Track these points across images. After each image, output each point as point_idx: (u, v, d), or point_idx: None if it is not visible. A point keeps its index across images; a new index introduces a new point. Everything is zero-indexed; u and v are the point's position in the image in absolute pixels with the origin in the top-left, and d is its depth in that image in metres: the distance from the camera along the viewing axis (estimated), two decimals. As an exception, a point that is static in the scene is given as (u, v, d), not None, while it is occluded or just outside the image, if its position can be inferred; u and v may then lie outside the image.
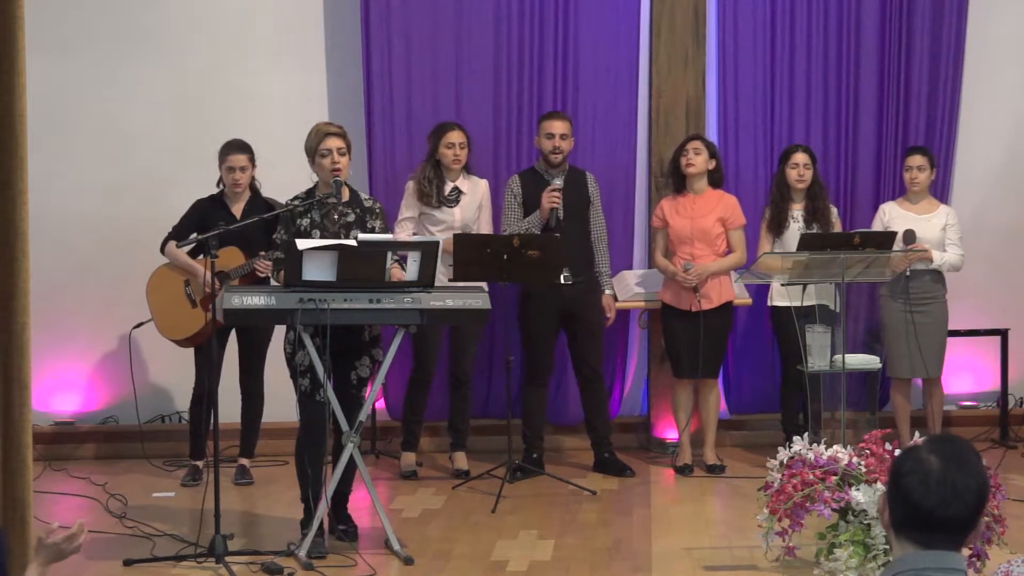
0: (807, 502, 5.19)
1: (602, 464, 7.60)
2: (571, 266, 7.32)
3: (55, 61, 7.98)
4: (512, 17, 8.10)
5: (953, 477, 2.58)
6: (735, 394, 8.30)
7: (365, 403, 6.02)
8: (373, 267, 5.77)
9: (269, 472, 7.65)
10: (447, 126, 7.49)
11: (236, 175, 7.23)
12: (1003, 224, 8.37)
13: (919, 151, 7.65)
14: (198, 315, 7.20)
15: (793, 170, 7.50)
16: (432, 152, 7.47)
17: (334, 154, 5.97)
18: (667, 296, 7.53)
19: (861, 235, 6.83)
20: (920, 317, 7.47)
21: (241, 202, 7.30)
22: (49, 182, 7.76)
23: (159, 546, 6.06)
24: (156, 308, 7.32)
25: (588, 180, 7.59)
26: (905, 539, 2.63)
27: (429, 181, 7.41)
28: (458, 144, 7.41)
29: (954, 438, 2.70)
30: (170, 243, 7.27)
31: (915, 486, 2.59)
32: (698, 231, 7.45)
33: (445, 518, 6.64)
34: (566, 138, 7.44)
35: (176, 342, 7.32)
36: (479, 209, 7.53)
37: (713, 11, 8.21)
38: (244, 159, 7.25)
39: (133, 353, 7.82)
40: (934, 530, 2.60)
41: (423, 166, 7.49)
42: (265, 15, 8.24)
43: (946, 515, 2.58)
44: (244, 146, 7.28)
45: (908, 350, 7.48)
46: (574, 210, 7.48)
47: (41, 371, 7.79)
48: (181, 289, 7.28)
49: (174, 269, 7.31)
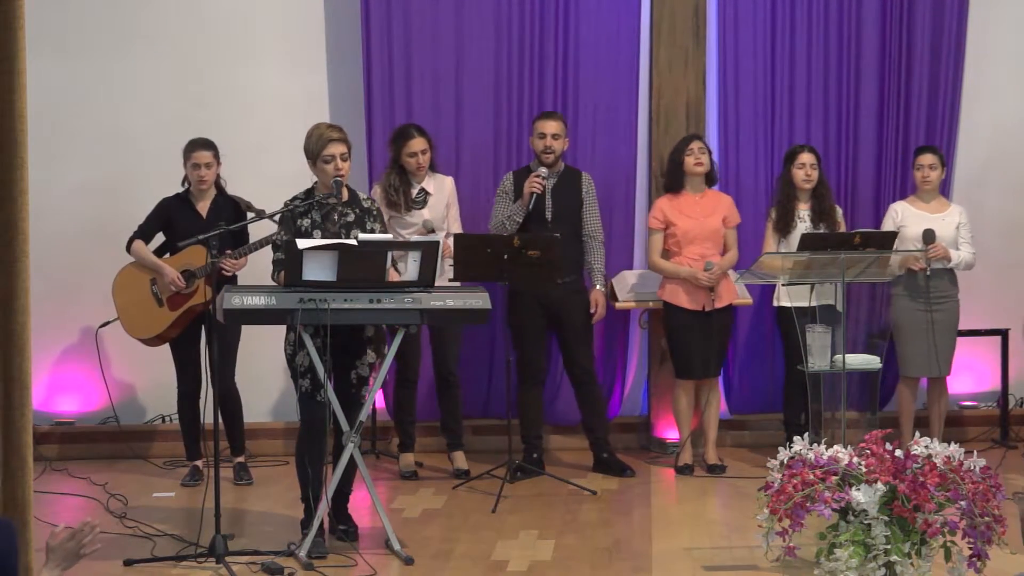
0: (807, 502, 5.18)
1: (602, 464, 7.60)
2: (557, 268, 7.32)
3: (55, 61, 7.98)
4: (512, 17, 8.10)
5: None
6: (735, 394, 8.30)
7: (365, 403, 6.03)
8: (373, 267, 5.77)
9: (269, 472, 7.66)
10: (407, 134, 7.42)
11: (201, 171, 7.23)
12: (1003, 224, 8.37)
13: (930, 150, 7.65)
14: (164, 314, 7.23)
15: (800, 170, 7.49)
16: (395, 159, 7.45)
17: (337, 160, 5.96)
18: (679, 297, 7.47)
19: (862, 235, 6.83)
20: (934, 316, 7.48)
21: (207, 200, 7.30)
22: (49, 182, 7.76)
23: (159, 546, 6.06)
24: (122, 307, 7.34)
25: (583, 180, 7.57)
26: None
27: (396, 189, 7.39)
28: (419, 152, 7.38)
29: None
30: (136, 242, 7.29)
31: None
32: (708, 231, 7.45)
33: (445, 518, 6.64)
34: (558, 138, 7.43)
35: (143, 341, 7.32)
36: (447, 207, 7.52)
37: (713, 11, 8.21)
38: (209, 156, 7.25)
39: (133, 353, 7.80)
40: None
41: (387, 173, 7.47)
42: (265, 15, 8.24)
43: None
44: (208, 143, 7.28)
45: (924, 349, 7.48)
46: (565, 211, 7.47)
47: (41, 371, 7.79)
48: (147, 288, 7.29)
49: (140, 268, 7.31)
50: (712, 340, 7.42)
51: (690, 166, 7.49)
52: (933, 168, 7.57)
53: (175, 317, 7.23)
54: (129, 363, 8.04)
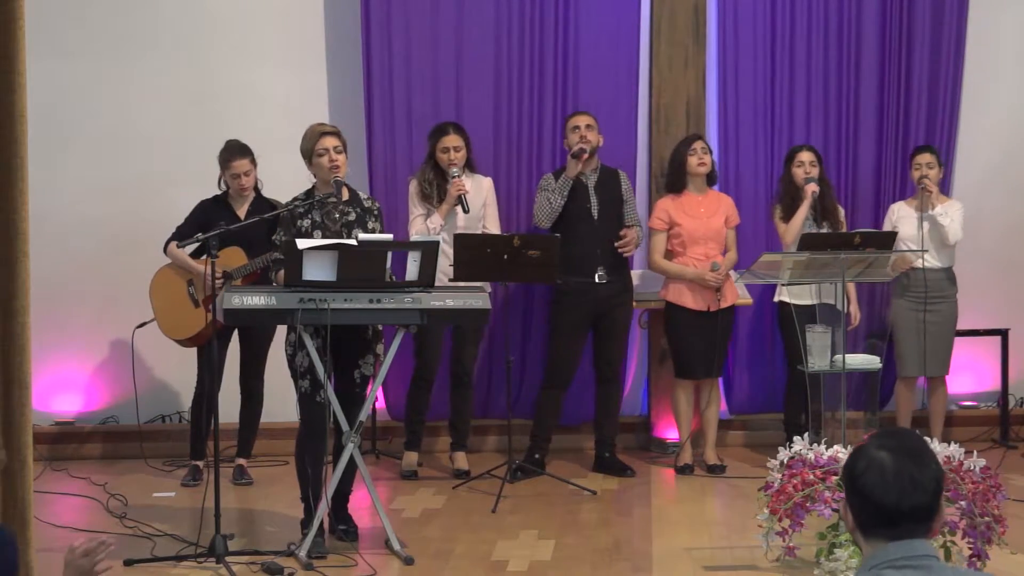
0: (807, 502, 5.19)
1: (602, 464, 7.60)
2: (605, 265, 7.33)
3: (55, 61, 7.98)
4: (512, 17, 8.10)
5: (908, 468, 2.63)
6: (735, 394, 8.30)
7: (365, 403, 6.03)
8: (373, 267, 5.77)
9: (269, 472, 7.65)
10: (443, 129, 7.48)
11: (242, 180, 7.21)
12: (1003, 223, 8.37)
13: (927, 149, 7.66)
14: (200, 315, 7.20)
15: (799, 168, 7.49)
16: (431, 154, 7.48)
17: (331, 152, 5.97)
18: (684, 298, 7.47)
19: (862, 235, 6.83)
20: (933, 316, 7.49)
21: (246, 203, 7.29)
22: (49, 182, 7.76)
23: (159, 546, 6.06)
24: (159, 308, 7.33)
25: (621, 178, 7.61)
26: (873, 537, 2.68)
27: (429, 183, 7.42)
28: (453, 148, 7.39)
29: (899, 430, 2.77)
30: (172, 243, 7.28)
31: (874, 484, 2.64)
32: (712, 231, 7.46)
33: (445, 518, 6.64)
34: (592, 129, 7.45)
35: (179, 342, 7.33)
36: (484, 207, 7.53)
37: (713, 11, 8.21)
38: (247, 163, 7.23)
39: (134, 353, 7.81)
40: (900, 522, 2.64)
41: (423, 167, 7.50)
42: (266, 15, 8.24)
43: (910, 506, 2.62)
44: (245, 149, 7.25)
45: (922, 348, 7.48)
46: (607, 209, 7.49)
47: (41, 371, 7.78)
48: (184, 289, 7.29)
49: (177, 270, 7.31)
50: (714, 341, 7.41)
51: (693, 166, 7.49)
52: (931, 167, 7.58)
53: (212, 318, 7.21)
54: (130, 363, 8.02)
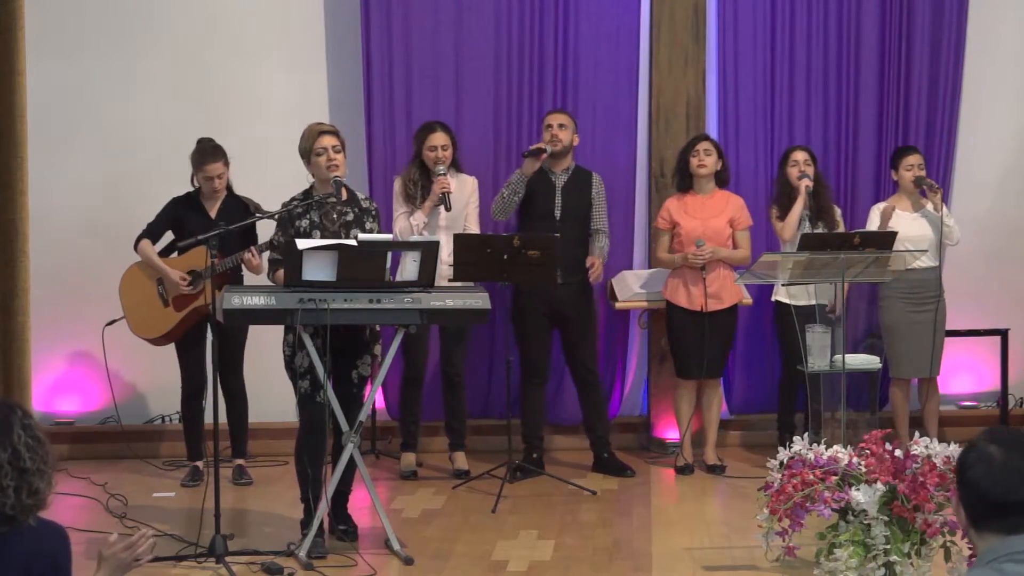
0: (807, 502, 5.19)
1: (602, 464, 7.60)
2: (563, 267, 7.31)
3: (55, 61, 7.96)
4: (512, 17, 8.10)
5: (1017, 462, 2.66)
6: (735, 394, 8.30)
7: (365, 403, 6.03)
8: (373, 267, 5.78)
9: (269, 472, 7.65)
10: (429, 127, 7.46)
11: (214, 183, 7.22)
12: (1003, 224, 8.37)
13: (916, 150, 7.68)
14: (170, 314, 7.22)
15: (793, 168, 7.50)
16: (417, 153, 7.46)
17: (329, 152, 5.98)
18: (679, 297, 7.48)
19: (861, 235, 6.84)
20: (923, 316, 7.50)
21: (217, 201, 7.30)
22: (49, 182, 7.74)
23: (159, 546, 6.02)
24: (128, 306, 7.34)
25: (593, 181, 7.59)
26: (986, 532, 2.70)
27: (414, 183, 7.41)
28: (440, 147, 7.39)
29: (1008, 428, 2.80)
30: (144, 241, 7.28)
31: (982, 477, 2.67)
32: (711, 232, 7.45)
33: (445, 518, 6.64)
34: (564, 128, 7.45)
35: (149, 341, 7.33)
36: (466, 207, 7.52)
37: (713, 11, 8.21)
38: (220, 166, 7.22)
39: (134, 353, 7.80)
40: (1011, 515, 2.66)
41: (409, 167, 7.49)
42: (265, 15, 8.24)
43: (1017, 499, 2.65)
44: (218, 151, 7.24)
45: (913, 349, 7.48)
46: (574, 210, 7.48)
47: (41, 371, 7.78)
48: (154, 288, 7.29)
49: (146, 268, 7.32)
50: (712, 341, 7.41)
51: (692, 167, 7.50)
52: (921, 168, 7.59)
53: (180, 318, 7.23)
54: (131, 363, 8.03)
